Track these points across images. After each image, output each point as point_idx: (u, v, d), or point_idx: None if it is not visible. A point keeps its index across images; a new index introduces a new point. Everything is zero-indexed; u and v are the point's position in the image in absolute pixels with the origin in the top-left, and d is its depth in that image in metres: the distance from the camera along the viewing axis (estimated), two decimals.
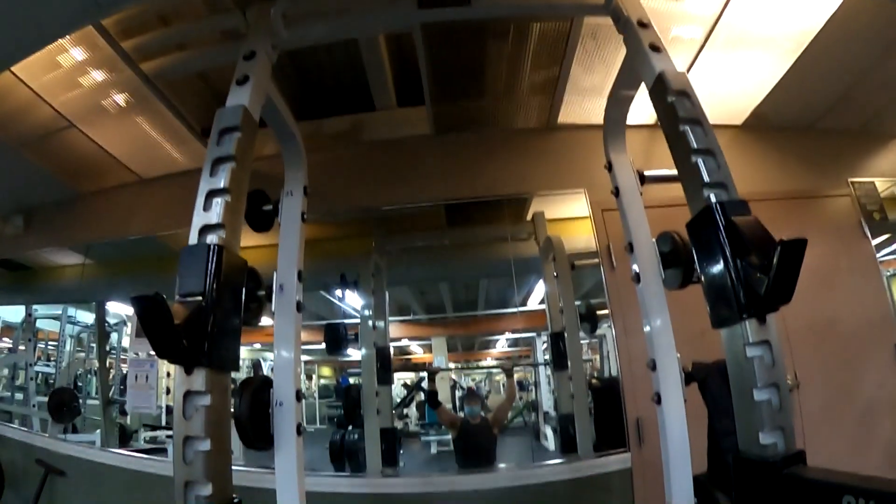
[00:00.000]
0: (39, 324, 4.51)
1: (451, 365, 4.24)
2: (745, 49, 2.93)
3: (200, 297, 1.31)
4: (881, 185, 3.51)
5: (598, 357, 3.90)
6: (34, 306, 4.46)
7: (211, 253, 1.36)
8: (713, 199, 1.45)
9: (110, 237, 3.99)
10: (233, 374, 1.45)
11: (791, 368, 3.02)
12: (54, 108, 3.11)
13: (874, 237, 3.37)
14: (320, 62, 3.31)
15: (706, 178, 1.48)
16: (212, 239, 1.41)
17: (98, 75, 2.96)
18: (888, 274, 3.38)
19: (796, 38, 2.84)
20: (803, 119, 3.58)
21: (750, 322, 1.34)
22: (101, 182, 3.99)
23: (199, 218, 1.45)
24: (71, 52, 2.77)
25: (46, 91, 3.00)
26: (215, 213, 1.44)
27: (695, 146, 1.53)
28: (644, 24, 1.87)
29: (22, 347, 4.39)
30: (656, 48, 1.78)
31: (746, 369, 1.34)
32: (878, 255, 3.36)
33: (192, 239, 1.43)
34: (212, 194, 1.47)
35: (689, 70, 3.04)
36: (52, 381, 4.41)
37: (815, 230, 3.34)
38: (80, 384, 4.28)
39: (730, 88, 3.27)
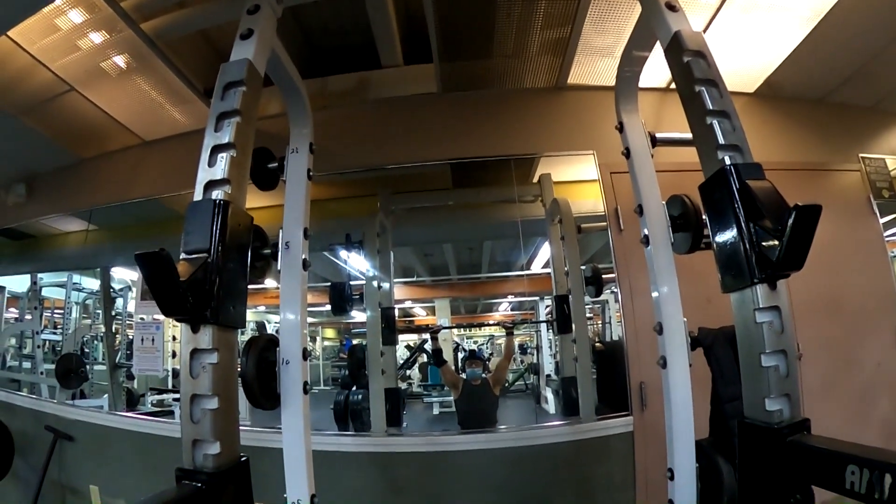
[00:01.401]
0: (45, 292, 4.53)
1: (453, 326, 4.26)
2: (762, 14, 2.87)
3: (206, 254, 1.30)
4: (892, 162, 3.48)
5: (600, 321, 3.92)
6: (39, 275, 4.47)
7: (217, 208, 1.34)
8: (727, 161, 1.42)
9: (114, 201, 3.97)
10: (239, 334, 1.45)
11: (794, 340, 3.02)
12: (53, 72, 3.07)
13: (882, 216, 3.35)
14: (325, 19, 3.26)
15: (721, 139, 1.45)
16: (217, 194, 1.38)
17: (97, 37, 2.92)
18: (893, 255, 3.36)
19: (815, 6, 2.78)
20: (817, 90, 3.53)
21: (761, 287, 1.33)
22: (103, 146, 3.97)
23: (204, 173, 1.42)
24: (69, 14, 2.73)
25: (45, 55, 2.96)
26: (220, 169, 1.41)
27: (710, 107, 1.49)
28: None
29: (28, 316, 4.42)
30: (672, 7, 1.73)
31: (755, 334, 1.33)
32: (886, 234, 3.35)
33: (198, 195, 1.40)
34: (217, 149, 1.44)
35: (704, 32, 2.96)
36: (59, 349, 4.46)
37: (823, 203, 3.30)
38: (86, 350, 4.32)
39: (744, 55, 3.21)
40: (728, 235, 1.38)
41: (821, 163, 3.44)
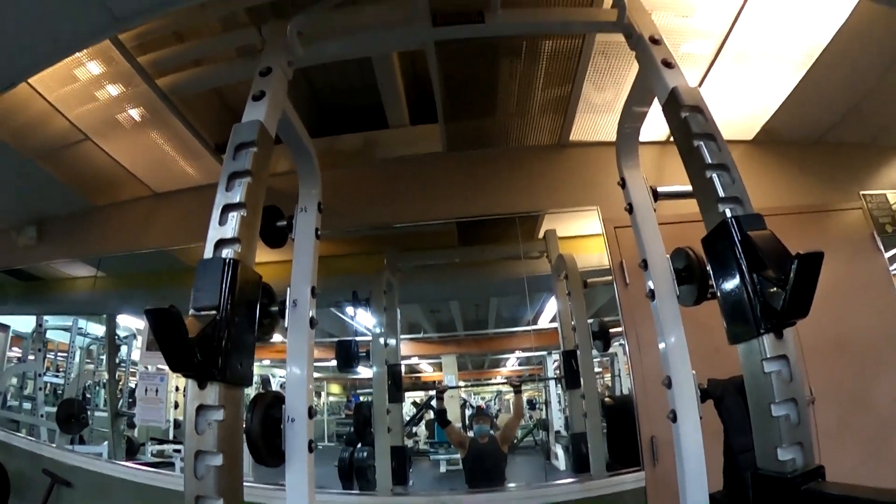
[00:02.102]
0: (49, 334, 4.52)
1: (461, 383, 4.22)
2: (755, 64, 2.95)
3: (215, 311, 1.31)
4: (893, 196, 3.48)
5: (609, 375, 3.87)
6: (45, 317, 4.48)
7: (226, 267, 1.36)
8: (728, 213, 1.45)
9: (123, 250, 4.00)
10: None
11: (806, 384, 2.98)
12: (70, 120, 3.15)
13: (887, 250, 3.33)
14: (334, 80, 3.36)
15: (721, 192, 1.49)
16: (227, 253, 1.41)
17: (114, 89, 3.00)
18: None
19: (805, 53, 2.85)
20: (814, 133, 3.57)
21: (767, 337, 1.33)
22: (114, 195, 4.02)
23: (215, 232, 1.45)
24: (87, 65, 2.82)
25: (62, 103, 3.04)
26: (231, 228, 1.44)
27: (709, 161, 1.53)
28: (656, 41, 1.89)
29: (31, 357, 4.41)
30: (669, 64, 1.79)
31: (764, 385, 1.33)
32: (891, 268, 3.32)
33: (208, 253, 1.43)
34: (227, 208, 1.47)
35: (699, 86, 3.04)
36: (60, 392, 4.42)
37: (827, 244, 3.27)
38: (88, 395, 4.28)
39: (740, 104, 3.27)
40: (732, 287, 1.39)
41: (822, 204, 3.45)
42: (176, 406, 3.68)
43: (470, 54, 2.88)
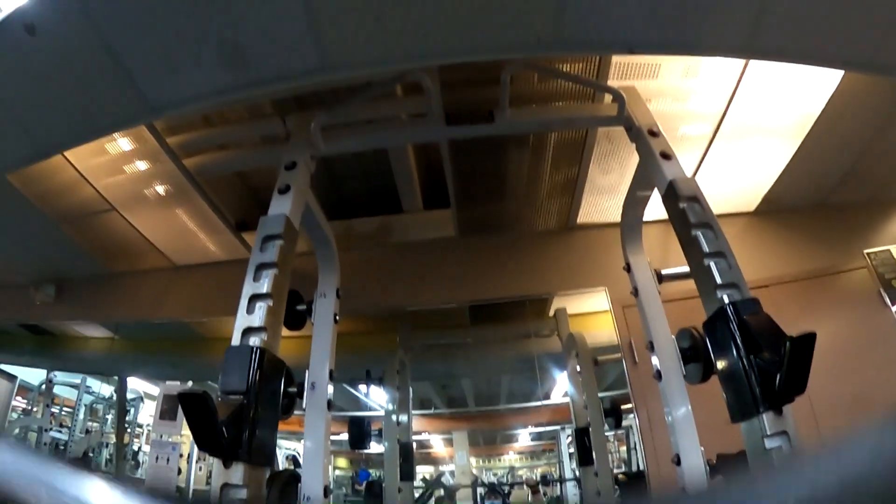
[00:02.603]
0: (56, 389, 4.52)
1: (473, 460, 4.18)
2: (752, 139, 3.04)
3: (243, 396, 1.39)
4: None
5: (625, 448, 3.83)
6: (54, 372, 4.49)
7: (254, 355, 1.45)
8: (726, 299, 1.53)
9: (139, 317, 4.06)
10: None
11: None
12: (97, 190, 3.25)
13: (894, 304, 3.29)
14: (351, 166, 3.49)
15: (718, 279, 1.57)
16: (254, 341, 1.50)
17: (142, 165, 3.13)
18: None
19: (799, 123, 2.94)
20: (814, 197, 3.62)
21: (767, 415, 1.39)
22: (134, 264, 4.08)
23: (243, 320, 1.54)
24: (119, 141, 2.95)
25: (91, 173, 3.15)
26: (258, 317, 1.53)
27: (706, 250, 1.62)
28: (654, 133, 2.02)
29: (36, 410, 4.40)
30: (666, 156, 1.91)
31: (766, 460, 1.38)
32: None
33: (236, 340, 1.51)
34: (255, 298, 1.57)
35: (700, 164, 3.16)
36: (62, 448, 4.39)
37: (835, 306, 3.36)
38: (90, 455, 4.25)
39: (740, 178, 3.36)
40: (732, 369, 1.47)
41: (828, 267, 3.46)
42: (179, 472, 3.67)
43: (481, 146, 3.01)
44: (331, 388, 1.91)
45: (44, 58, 1.82)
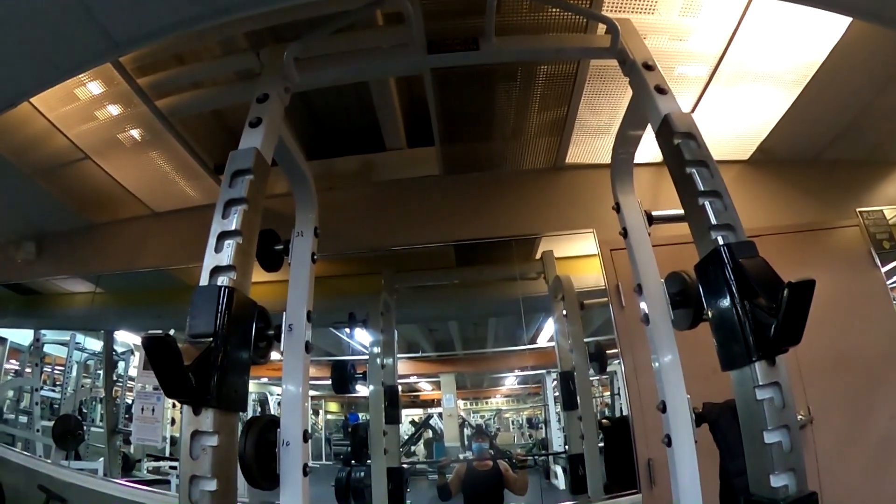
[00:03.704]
0: (47, 348, 4.50)
1: (460, 403, 4.20)
2: (750, 84, 2.98)
3: (210, 339, 1.32)
4: (889, 212, 3.50)
5: (609, 393, 3.86)
6: (42, 331, 4.47)
7: (222, 295, 1.37)
8: (720, 241, 1.46)
9: (121, 269, 4.03)
10: None
11: (804, 403, 2.99)
12: (70, 139, 3.16)
13: (884, 265, 3.34)
14: (331, 103, 3.38)
15: (713, 219, 1.49)
16: (223, 280, 1.42)
17: (114, 109, 3.03)
18: None
19: (799, 72, 2.88)
20: (809, 151, 3.60)
21: (759, 364, 1.33)
22: (113, 213, 4.04)
23: (211, 259, 1.46)
24: (88, 85, 2.85)
25: (63, 122, 3.06)
26: (227, 255, 1.45)
27: (701, 188, 1.54)
28: (649, 67, 1.91)
29: (28, 370, 4.39)
30: (662, 90, 1.81)
31: (756, 411, 1.33)
32: (891, 281, 3.32)
33: (203, 280, 1.44)
34: (223, 236, 1.48)
35: (695, 107, 3.10)
36: (56, 406, 4.39)
37: (824, 262, 3.39)
38: (84, 411, 4.26)
39: (735, 124, 3.31)
40: (724, 315, 1.40)
41: (819, 222, 3.48)
42: (172, 422, 3.68)
43: (466, 79, 2.92)
44: (309, 330, 1.84)
45: None
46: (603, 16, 2.19)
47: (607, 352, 3.27)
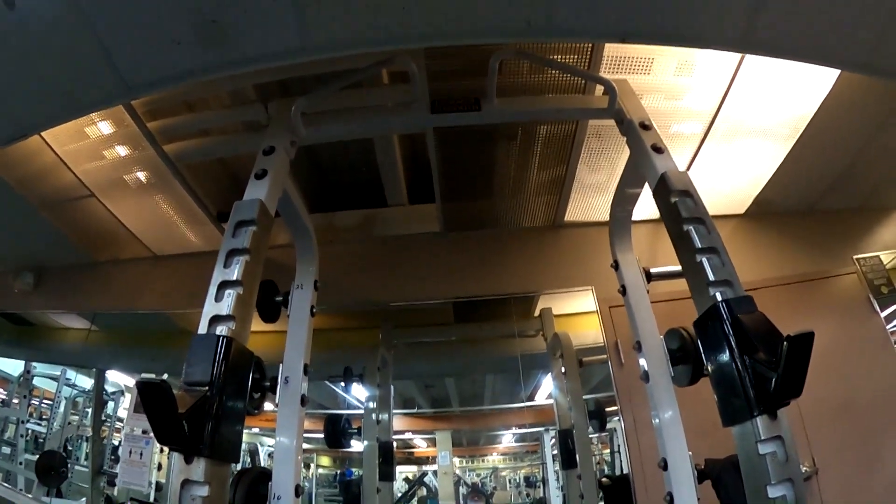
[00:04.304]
0: (36, 381, 4.43)
1: (456, 460, 4.12)
2: (744, 139, 3.03)
3: (206, 388, 1.31)
4: (886, 257, 3.49)
5: (608, 451, 3.80)
6: (34, 363, 4.41)
7: (220, 344, 1.37)
8: (719, 297, 1.47)
9: (119, 308, 3.99)
10: None
11: (808, 454, 2.93)
12: (77, 175, 3.18)
13: (883, 310, 3.32)
14: (335, 157, 3.43)
15: (711, 276, 1.51)
16: (221, 330, 1.42)
17: (122, 150, 3.05)
18: None
19: (792, 125, 2.93)
20: (805, 201, 3.63)
21: (761, 418, 1.33)
22: (114, 252, 4.02)
23: (210, 307, 1.47)
24: (98, 125, 2.88)
25: (71, 158, 3.07)
26: (226, 305, 1.46)
27: (699, 245, 1.56)
28: (646, 126, 1.96)
29: (15, 401, 4.31)
30: (658, 149, 1.86)
31: (759, 466, 1.32)
32: (891, 325, 3.29)
33: (202, 328, 1.44)
34: (224, 285, 1.50)
35: (691, 163, 3.15)
36: (41, 440, 4.30)
37: (823, 311, 3.39)
38: (69, 448, 4.17)
39: (731, 179, 3.35)
40: (724, 370, 1.41)
41: (817, 272, 3.47)
42: (159, 467, 3.59)
43: (467, 138, 2.97)
44: (305, 383, 1.84)
45: (22, 33, 1.74)
46: (601, 77, 2.25)
47: (607, 409, 3.23)
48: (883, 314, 3.32)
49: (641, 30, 1.82)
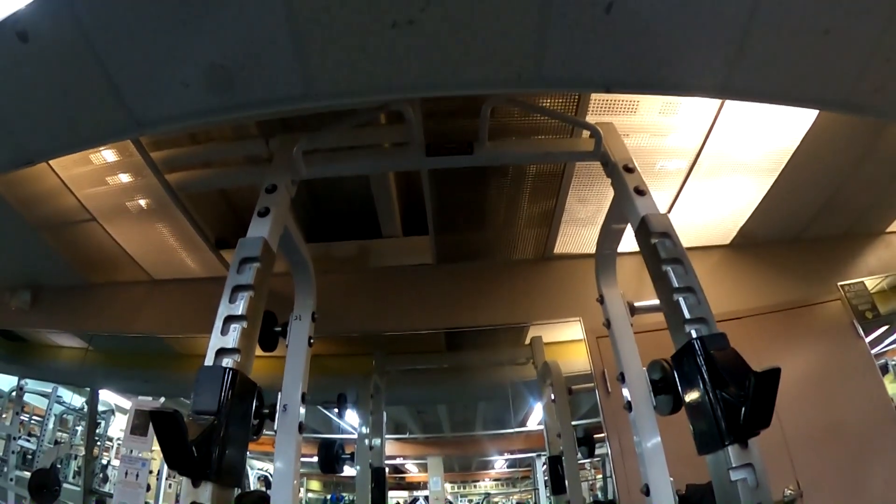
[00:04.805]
0: (27, 397, 4.42)
1: (448, 486, 4.15)
2: (728, 175, 3.11)
3: (213, 416, 1.40)
4: (870, 282, 3.55)
5: (600, 476, 3.84)
6: (26, 380, 4.40)
7: (226, 376, 1.46)
8: (694, 333, 1.57)
9: (115, 330, 4.01)
10: None
11: (793, 477, 2.96)
12: (79, 199, 3.23)
13: (867, 335, 3.37)
14: (333, 190, 3.53)
15: (687, 314, 1.61)
16: (227, 362, 1.51)
17: (125, 177, 3.11)
18: (893, 362, 3.33)
19: (775, 159, 3.01)
20: (789, 231, 3.70)
21: (732, 448, 1.42)
22: (112, 275, 4.05)
23: (217, 340, 1.55)
24: (103, 153, 2.94)
25: (74, 182, 3.13)
26: (232, 338, 1.55)
27: (676, 285, 1.66)
28: (629, 169, 2.07)
29: (6, 416, 4.30)
30: (640, 192, 1.96)
31: (731, 492, 1.41)
32: (876, 349, 3.35)
33: (209, 360, 1.52)
34: (230, 319, 1.58)
35: (676, 198, 3.23)
36: (30, 457, 4.28)
37: (809, 338, 3.44)
38: (58, 466, 4.16)
39: (716, 211, 3.43)
40: (698, 402, 1.50)
41: (802, 299, 3.53)
42: (148, 489, 3.60)
43: (461, 176, 3.05)
44: (303, 411, 1.91)
45: (34, 66, 1.82)
46: (587, 123, 2.36)
47: (595, 435, 3.29)
48: (868, 339, 3.38)
49: (625, 80, 1.90)
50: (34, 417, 4.39)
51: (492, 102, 2.16)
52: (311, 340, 2.08)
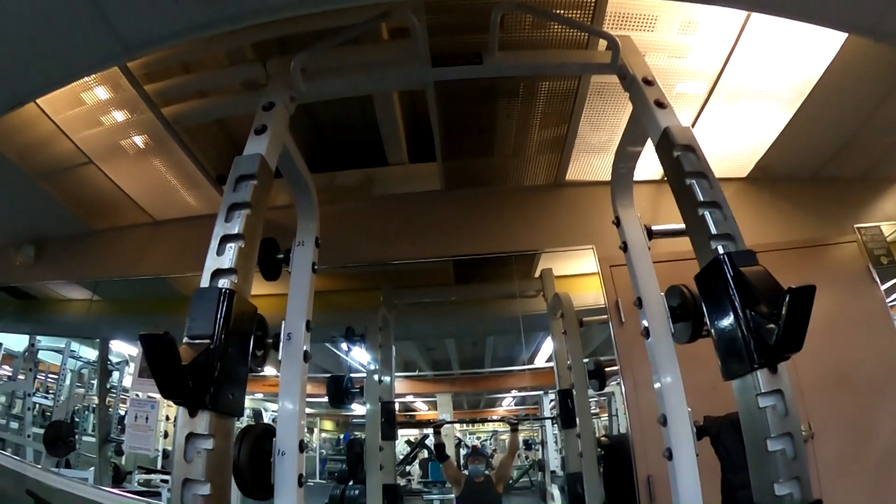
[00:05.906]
0: (41, 355, 4.48)
1: (457, 426, 4.17)
2: (748, 102, 3.01)
3: (209, 341, 1.31)
4: (887, 228, 3.50)
5: (606, 414, 3.84)
6: (38, 337, 4.44)
7: (222, 297, 1.37)
8: (721, 250, 1.46)
9: (120, 276, 4.02)
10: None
11: (805, 418, 2.95)
12: (74, 143, 3.17)
13: (883, 282, 3.33)
14: (336, 117, 3.42)
15: (713, 230, 1.50)
16: (223, 283, 1.42)
17: (119, 115, 3.04)
18: None
19: (796, 89, 2.91)
20: (807, 168, 3.62)
21: (761, 372, 1.33)
22: (114, 220, 4.03)
23: (212, 262, 1.46)
24: (95, 90, 2.87)
25: (68, 126, 3.06)
26: (228, 258, 1.45)
27: (701, 199, 1.55)
28: (649, 82, 1.93)
29: (21, 376, 4.36)
30: (661, 104, 1.83)
31: (759, 420, 1.33)
32: (890, 298, 3.31)
33: (204, 282, 1.44)
34: (226, 239, 1.49)
35: (693, 124, 3.13)
36: (48, 413, 4.36)
37: (823, 278, 3.30)
38: (76, 419, 4.23)
39: (734, 142, 3.34)
40: (726, 323, 1.40)
41: (817, 238, 3.48)
42: (165, 436, 3.65)
43: (468, 95, 2.95)
44: (308, 340, 1.83)
45: None
46: (604, 32, 2.21)
47: (606, 370, 3.25)
48: (883, 287, 3.33)
49: None
50: (51, 375, 4.45)
51: (502, 8, 2.01)
52: (315, 267, 1.99)
